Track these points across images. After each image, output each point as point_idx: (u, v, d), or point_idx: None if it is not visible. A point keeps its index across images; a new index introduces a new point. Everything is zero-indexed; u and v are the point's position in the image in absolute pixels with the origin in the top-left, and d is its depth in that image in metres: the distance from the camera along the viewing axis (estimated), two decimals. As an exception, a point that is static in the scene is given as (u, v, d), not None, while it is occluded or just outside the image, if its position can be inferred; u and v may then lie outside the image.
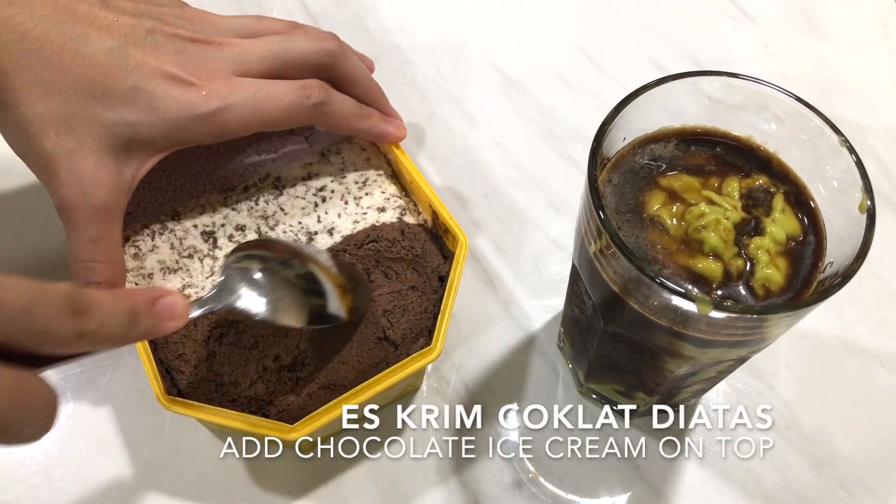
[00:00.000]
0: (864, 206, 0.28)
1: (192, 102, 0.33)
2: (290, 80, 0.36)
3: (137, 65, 0.33)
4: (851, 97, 0.54)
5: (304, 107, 0.36)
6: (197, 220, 0.39)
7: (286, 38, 0.37)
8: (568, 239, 0.47)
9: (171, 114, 0.33)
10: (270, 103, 0.35)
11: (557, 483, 0.39)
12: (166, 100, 0.33)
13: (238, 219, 0.39)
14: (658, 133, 0.33)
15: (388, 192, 0.41)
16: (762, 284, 0.29)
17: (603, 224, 0.27)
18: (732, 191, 0.31)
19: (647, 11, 0.59)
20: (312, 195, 0.40)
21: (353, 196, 0.40)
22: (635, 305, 0.29)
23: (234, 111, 0.34)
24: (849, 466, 0.39)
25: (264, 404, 0.34)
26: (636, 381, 0.36)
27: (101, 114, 0.32)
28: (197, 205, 0.39)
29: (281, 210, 0.39)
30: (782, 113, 0.31)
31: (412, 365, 0.34)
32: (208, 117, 0.34)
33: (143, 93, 0.33)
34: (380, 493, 0.38)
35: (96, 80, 0.32)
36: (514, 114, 0.53)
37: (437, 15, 0.58)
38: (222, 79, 0.35)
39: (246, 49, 0.36)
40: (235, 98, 0.34)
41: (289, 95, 0.36)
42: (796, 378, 0.42)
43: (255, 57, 0.36)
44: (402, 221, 0.39)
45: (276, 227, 0.39)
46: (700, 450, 0.40)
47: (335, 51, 0.38)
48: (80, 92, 0.32)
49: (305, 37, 0.38)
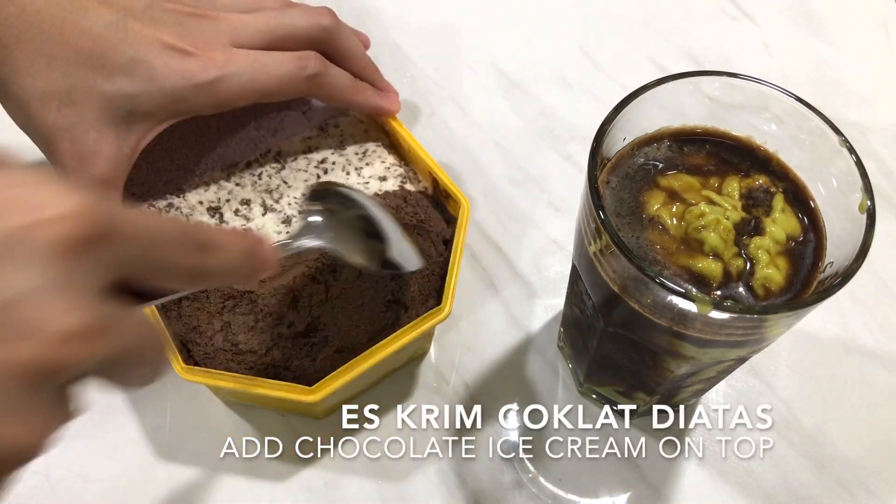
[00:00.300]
0: (864, 206, 0.28)
1: (190, 72, 0.34)
2: (286, 52, 0.37)
3: (136, 37, 0.33)
4: (851, 97, 0.54)
5: (300, 77, 0.37)
6: (202, 197, 0.39)
7: (282, 13, 0.38)
8: (568, 239, 0.47)
9: (170, 83, 0.34)
10: (267, 73, 0.36)
11: (557, 483, 0.39)
12: (165, 70, 0.33)
13: (242, 193, 0.40)
14: (658, 133, 0.33)
15: (387, 161, 0.42)
16: (762, 284, 0.29)
17: (603, 224, 0.27)
18: (732, 191, 0.31)
19: (647, 11, 0.59)
20: (314, 167, 0.41)
21: (354, 167, 0.41)
22: (635, 305, 0.29)
23: (231, 80, 0.35)
24: (849, 466, 0.39)
25: (281, 370, 0.35)
26: (636, 381, 0.36)
27: (101, 86, 0.33)
28: (201, 182, 0.40)
29: (284, 183, 0.40)
30: (782, 113, 0.31)
31: (423, 325, 0.35)
32: (206, 86, 0.34)
33: (142, 64, 0.33)
34: (380, 493, 0.38)
35: (96, 53, 0.32)
36: (514, 114, 0.53)
37: (437, 15, 0.58)
38: (220, 49, 0.35)
39: (242, 23, 0.37)
40: (233, 68, 0.35)
41: (285, 66, 0.36)
42: (796, 378, 0.42)
43: (251, 30, 0.37)
44: (404, 189, 0.40)
45: (280, 200, 0.39)
46: (700, 450, 0.40)
47: (330, 26, 0.39)
48: (81, 65, 0.32)
49: (301, 11, 0.38)
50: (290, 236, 0.32)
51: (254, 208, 0.39)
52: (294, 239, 0.31)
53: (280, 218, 0.39)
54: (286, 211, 0.39)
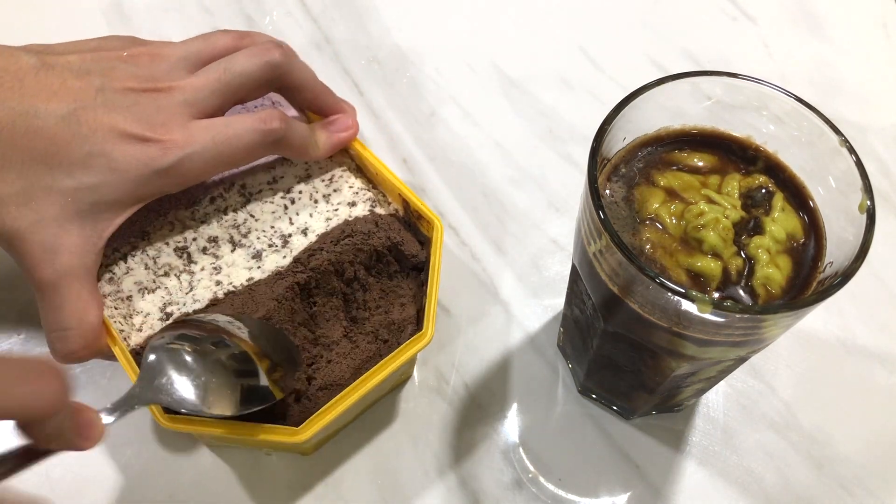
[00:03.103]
0: (864, 206, 0.28)
1: (150, 158, 0.33)
2: (247, 116, 0.36)
3: (91, 128, 0.33)
4: (851, 97, 0.54)
5: (264, 143, 0.37)
6: (168, 238, 0.38)
7: (230, 62, 0.37)
8: (568, 239, 0.47)
9: (133, 172, 0.33)
10: (231, 145, 0.35)
11: (557, 483, 0.39)
12: (125, 159, 0.33)
13: (209, 231, 0.39)
14: (658, 133, 0.33)
15: (355, 186, 0.41)
16: (762, 284, 0.29)
17: (603, 224, 0.27)
18: (732, 190, 0.31)
19: (647, 11, 0.59)
20: (280, 198, 0.40)
21: (322, 194, 0.41)
22: (635, 305, 0.29)
23: (194, 159, 0.34)
24: (849, 466, 0.39)
25: (264, 412, 0.34)
26: (636, 381, 0.36)
27: (59, 182, 0.32)
28: (165, 222, 0.39)
29: (251, 217, 0.39)
30: (782, 113, 0.31)
31: (405, 353, 0.34)
32: (169, 170, 0.34)
33: (100, 156, 0.33)
34: (380, 492, 0.38)
35: (51, 151, 0.32)
36: (514, 114, 0.53)
37: (436, 15, 0.58)
38: (178, 126, 0.35)
39: (196, 88, 0.36)
40: (194, 146, 0.34)
41: (248, 134, 0.36)
42: (796, 378, 0.42)
43: (206, 93, 0.36)
44: (374, 213, 0.40)
45: (248, 235, 0.39)
46: (700, 450, 0.40)
47: (280, 62, 0.38)
48: (36, 164, 0.32)
49: (248, 54, 0.37)
50: (133, 386, 0.30)
51: (222, 245, 0.38)
52: (139, 387, 0.30)
53: (250, 253, 0.38)
54: (255, 245, 0.38)
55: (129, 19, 0.57)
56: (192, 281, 0.37)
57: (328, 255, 0.37)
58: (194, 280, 0.37)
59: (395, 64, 0.55)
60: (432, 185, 0.49)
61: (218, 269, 0.38)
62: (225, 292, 0.37)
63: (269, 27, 0.57)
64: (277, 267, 0.37)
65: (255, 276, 0.37)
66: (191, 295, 0.37)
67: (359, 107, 0.52)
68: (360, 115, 0.52)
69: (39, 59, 0.34)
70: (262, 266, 0.38)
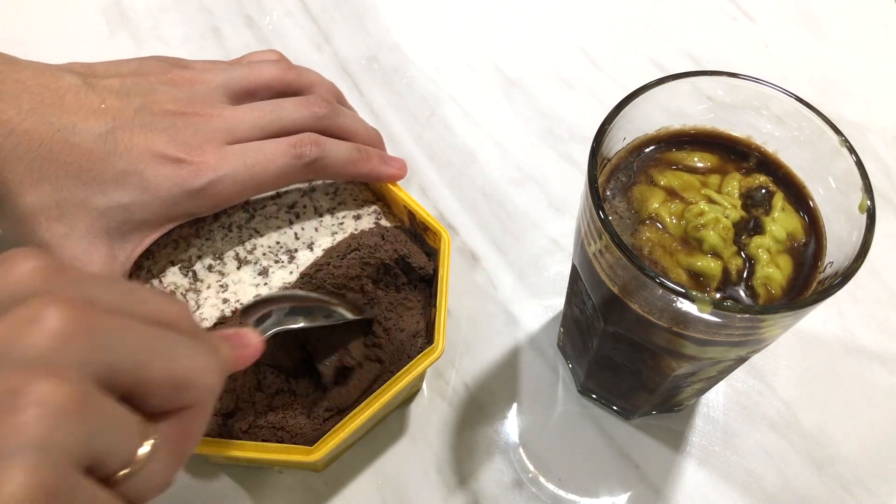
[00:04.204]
0: (864, 206, 0.28)
1: (182, 178, 0.33)
2: (280, 140, 0.36)
3: (126, 147, 0.33)
4: (851, 97, 0.54)
5: (297, 167, 0.36)
6: (173, 256, 0.38)
7: (276, 107, 0.37)
8: (568, 239, 0.47)
9: (164, 192, 0.33)
10: (263, 168, 0.35)
11: (557, 483, 0.39)
12: (157, 179, 0.33)
13: (214, 248, 0.38)
14: (658, 133, 0.33)
15: (360, 198, 0.41)
16: (762, 284, 0.29)
17: (603, 224, 0.27)
18: (732, 190, 0.31)
19: (647, 11, 0.59)
20: (285, 213, 0.40)
21: (327, 208, 0.40)
22: (635, 305, 0.29)
23: (226, 182, 0.34)
24: (849, 466, 0.39)
25: (277, 430, 0.34)
26: (636, 381, 0.36)
27: (92, 198, 0.33)
28: (170, 240, 0.38)
29: (256, 232, 0.39)
30: (782, 113, 0.31)
31: (417, 367, 0.34)
32: (200, 191, 0.34)
33: (134, 174, 0.33)
34: (380, 492, 0.38)
35: (86, 167, 0.32)
36: (514, 114, 0.53)
37: (437, 14, 0.58)
38: (213, 150, 0.34)
39: (237, 119, 0.36)
40: (227, 168, 0.34)
41: (281, 158, 0.35)
42: (796, 378, 0.42)
43: (246, 126, 0.36)
44: (380, 226, 0.39)
45: (254, 251, 0.38)
46: (700, 450, 0.40)
47: (327, 114, 0.38)
48: (71, 179, 0.32)
49: (296, 104, 0.37)
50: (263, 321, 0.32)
51: (227, 262, 0.38)
52: (267, 319, 0.32)
53: (256, 270, 0.37)
54: (262, 262, 0.38)
55: (128, 19, 0.57)
56: (198, 300, 0.37)
57: (335, 270, 0.37)
58: (201, 298, 0.37)
59: (395, 64, 0.55)
60: (432, 185, 0.49)
61: (224, 286, 0.37)
62: (232, 310, 0.36)
63: (269, 27, 0.57)
64: (284, 283, 0.37)
65: (262, 293, 0.37)
66: (198, 314, 0.36)
67: (359, 107, 0.52)
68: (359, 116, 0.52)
69: (82, 79, 0.34)
70: (269, 282, 0.37)
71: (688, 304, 0.26)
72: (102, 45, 0.55)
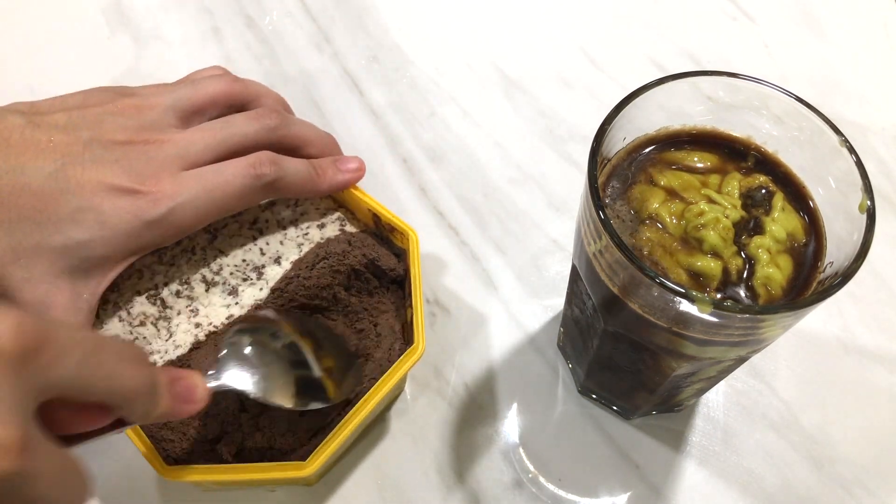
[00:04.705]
0: (864, 206, 0.28)
1: (140, 209, 0.33)
2: (237, 160, 0.35)
3: (79, 183, 0.32)
4: (851, 97, 0.54)
5: (257, 187, 0.35)
6: (138, 286, 0.37)
7: (227, 124, 0.36)
8: (568, 239, 0.47)
9: (123, 225, 0.33)
10: (223, 192, 0.35)
11: (557, 483, 0.39)
12: (114, 212, 0.32)
13: (179, 273, 0.38)
14: (658, 133, 0.33)
15: (321, 207, 0.40)
16: (762, 284, 0.29)
17: (603, 224, 0.27)
18: (732, 190, 0.31)
19: (647, 11, 0.59)
20: (248, 230, 0.39)
21: (290, 220, 0.39)
22: (635, 305, 0.29)
23: (185, 209, 0.34)
24: (849, 466, 0.39)
25: (265, 451, 0.34)
26: (636, 381, 0.36)
27: (48, 239, 0.32)
28: (133, 271, 0.37)
29: (221, 252, 0.38)
30: (782, 113, 0.31)
31: (400, 369, 0.34)
32: (160, 221, 0.33)
33: (89, 211, 0.32)
34: (380, 493, 0.38)
35: (39, 208, 0.32)
36: (514, 114, 0.53)
37: (437, 15, 0.58)
38: (168, 177, 0.34)
39: (189, 141, 0.35)
40: (185, 196, 0.34)
41: (240, 179, 0.35)
42: (796, 378, 0.42)
43: (199, 148, 0.35)
44: (346, 232, 0.39)
45: (221, 272, 0.38)
46: (700, 450, 0.40)
47: (277, 125, 0.37)
48: (24, 222, 0.31)
49: (245, 118, 0.37)
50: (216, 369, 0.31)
51: (195, 286, 0.37)
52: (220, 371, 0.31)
53: (225, 290, 0.37)
54: (230, 282, 0.37)
55: (129, 19, 0.57)
56: (170, 327, 0.36)
57: (305, 281, 0.36)
58: (172, 326, 0.36)
59: (395, 64, 0.55)
60: (432, 185, 0.49)
61: (195, 311, 0.37)
62: (206, 334, 0.36)
63: (269, 27, 0.57)
64: (255, 300, 0.37)
65: (234, 313, 0.36)
66: (171, 342, 0.36)
67: (359, 107, 0.52)
68: (360, 116, 0.52)
69: (25, 118, 0.33)
70: (240, 301, 0.37)
71: (688, 304, 0.26)
72: (102, 45, 0.55)
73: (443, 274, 0.45)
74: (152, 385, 0.25)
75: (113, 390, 0.23)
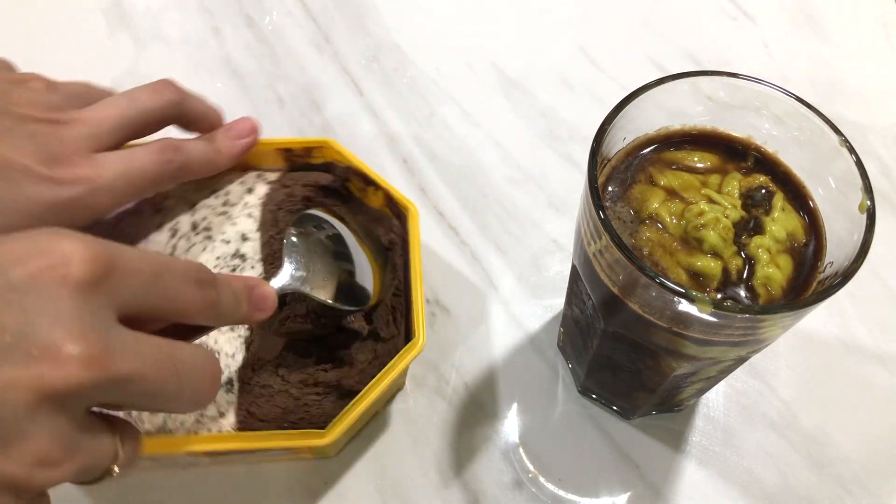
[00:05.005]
0: (864, 206, 0.28)
1: (55, 194, 0.31)
2: (147, 147, 0.35)
3: None
4: (851, 97, 0.54)
5: (168, 172, 0.35)
6: None
7: (131, 101, 0.36)
8: (568, 239, 0.47)
9: (37, 209, 0.31)
10: (140, 176, 0.34)
11: (557, 483, 0.39)
12: (27, 196, 0.31)
13: None
14: (658, 133, 0.33)
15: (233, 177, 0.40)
16: (762, 284, 0.29)
17: (603, 224, 0.27)
18: (732, 190, 0.31)
19: (647, 11, 0.59)
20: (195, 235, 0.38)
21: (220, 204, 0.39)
22: (635, 305, 0.29)
23: (102, 193, 0.33)
24: (849, 466, 0.39)
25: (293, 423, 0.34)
26: (636, 381, 0.36)
27: None
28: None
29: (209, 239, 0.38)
30: (782, 113, 0.31)
31: (403, 360, 0.34)
32: (75, 202, 0.32)
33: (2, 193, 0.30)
34: (380, 493, 0.38)
35: None
36: (514, 114, 0.53)
37: (436, 15, 0.58)
38: (84, 161, 0.33)
39: (97, 121, 0.34)
40: (102, 180, 0.33)
41: (151, 166, 0.35)
42: (796, 378, 0.42)
43: (107, 127, 0.34)
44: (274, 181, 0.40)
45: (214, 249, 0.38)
46: (700, 450, 0.40)
47: (179, 99, 0.37)
48: None
49: (147, 91, 0.36)
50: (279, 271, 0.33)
51: None
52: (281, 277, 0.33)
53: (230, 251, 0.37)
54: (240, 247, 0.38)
55: (129, 19, 0.57)
56: None
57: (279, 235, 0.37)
58: None
59: (395, 64, 0.55)
60: (432, 185, 0.49)
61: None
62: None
63: (269, 27, 0.57)
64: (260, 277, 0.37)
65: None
66: None
67: (359, 107, 0.52)
68: (360, 115, 0.52)
69: None
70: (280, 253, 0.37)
71: (688, 304, 0.26)
72: (102, 45, 0.55)
73: (443, 274, 0.45)
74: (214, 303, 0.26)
75: (177, 309, 0.25)
